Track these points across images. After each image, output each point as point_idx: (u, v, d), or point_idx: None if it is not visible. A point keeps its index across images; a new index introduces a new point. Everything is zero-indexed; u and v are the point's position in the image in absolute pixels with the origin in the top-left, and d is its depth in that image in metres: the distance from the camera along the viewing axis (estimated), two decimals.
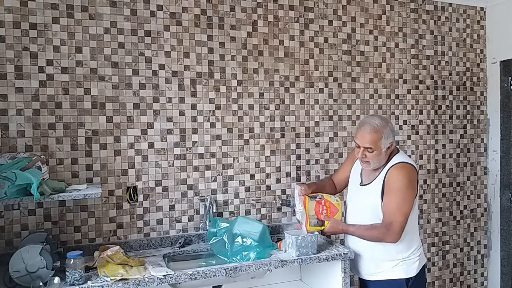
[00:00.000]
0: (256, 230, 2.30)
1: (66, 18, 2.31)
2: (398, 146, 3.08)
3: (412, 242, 2.20)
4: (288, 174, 2.82)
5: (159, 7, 2.50)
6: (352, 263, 2.29)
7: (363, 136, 2.14)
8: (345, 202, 2.40)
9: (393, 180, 2.12)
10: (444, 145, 3.30)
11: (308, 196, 2.27)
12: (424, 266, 2.26)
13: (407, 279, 2.17)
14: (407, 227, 2.13)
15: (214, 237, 2.38)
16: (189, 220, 2.58)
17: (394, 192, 2.10)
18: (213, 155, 2.63)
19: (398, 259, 2.16)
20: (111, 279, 1.88)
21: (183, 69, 2.55)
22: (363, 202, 2.22)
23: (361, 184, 2.27)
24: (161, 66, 2.50)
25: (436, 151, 3.27)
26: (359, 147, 2.17)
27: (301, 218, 2.26)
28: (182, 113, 2.55)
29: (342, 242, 2.47)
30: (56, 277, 1.85)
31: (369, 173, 2.24)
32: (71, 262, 1.84)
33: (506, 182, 3.33)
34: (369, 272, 2.24)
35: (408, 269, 2.17)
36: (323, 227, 2.25)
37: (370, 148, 2.12)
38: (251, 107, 2.71)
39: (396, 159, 2.19)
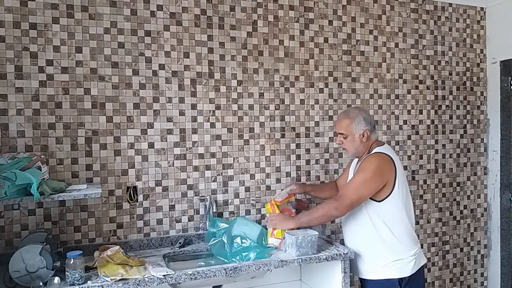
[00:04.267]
0: (254, 234, 2.30)
1: (66, 18, 2.31)
2: (398, 146, 3.12)
3: (406, 241, 2.19)
4: (288, 174, 2.82)
5: (159, 7, 2.50)
6: (350, 262, 2.29)
7: (338, 123, 2.35)
8: None
9: (362, 165, 2.21)
10: (444, 145, 3.29)
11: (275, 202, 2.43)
12: (422, 266, 2.26)
13: (401, 279, 2.17)
14: (399, 225, 2.16)
15: (213, 238, 2.37)
16: (189, 220, 2.58)
17: (358, 173, 2.20)
18: (213, 155, 2.63)
19: (390, 258, 2.17)
20: (111, 279, 1.88)
21: (183, 69, 2.55)
22: None
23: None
24: (161, 66, 2.50)
25: (436, 151, 3.27)
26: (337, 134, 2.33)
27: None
28: (182, 113, 2.55)
29: (342, 242, 2.47)
30: (56, 277, 1.85)
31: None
32: (71, 262, 1.84)
33: (506, 182, 3.33)
34: (363, 271, 2.26)
35: (402, 269, 2.17)
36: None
37: (343, 133, 2.27)
38: (251, 107, 2.71)
39: (375, 150, 2.25)
